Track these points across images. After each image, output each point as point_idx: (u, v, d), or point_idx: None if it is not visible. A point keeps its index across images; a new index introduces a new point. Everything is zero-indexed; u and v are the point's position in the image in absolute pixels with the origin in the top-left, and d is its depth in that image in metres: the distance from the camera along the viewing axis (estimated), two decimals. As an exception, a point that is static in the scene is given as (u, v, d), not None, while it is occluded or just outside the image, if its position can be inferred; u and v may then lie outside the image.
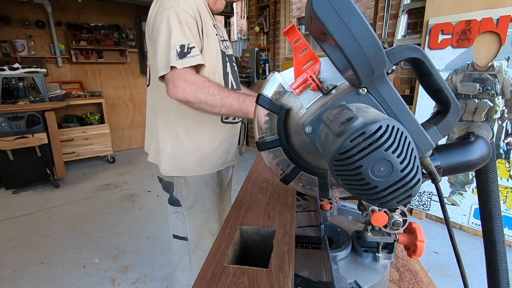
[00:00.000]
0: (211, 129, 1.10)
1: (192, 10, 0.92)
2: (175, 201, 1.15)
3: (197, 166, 1.10)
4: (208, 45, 0.99)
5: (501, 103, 2.14)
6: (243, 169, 3.88)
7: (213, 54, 1.01)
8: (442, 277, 1.90)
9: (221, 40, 1.07)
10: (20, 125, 3.00)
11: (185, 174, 1.10)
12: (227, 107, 0.93)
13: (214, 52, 1.01)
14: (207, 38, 0.98)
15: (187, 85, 0.89)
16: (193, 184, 1.12)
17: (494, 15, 2.07)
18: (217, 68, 1.03)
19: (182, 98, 0.90)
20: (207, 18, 0.99)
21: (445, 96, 0.40)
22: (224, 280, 0.44)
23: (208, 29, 0.99)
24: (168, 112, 1.06)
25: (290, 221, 0.62)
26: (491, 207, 0.51)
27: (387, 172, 0.28)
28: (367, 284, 0.54)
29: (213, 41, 1.00)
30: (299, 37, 0.44)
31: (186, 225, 1.16)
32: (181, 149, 1.08)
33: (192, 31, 0.92)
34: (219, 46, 1.03)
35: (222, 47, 1.05)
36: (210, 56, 1.00)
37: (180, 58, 0.88)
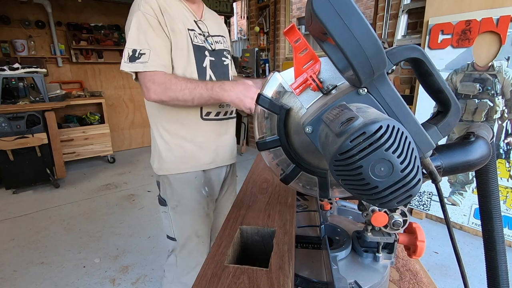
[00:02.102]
0: (192, 127, 1.10)
1: (153, 11, 0.95)
2: (162, 201, 1.16)
3: (180, 164, 1.11)
4: (175, 41, 1.00)
5: (501, 103, 2.14)
6: (243, 169, 3.88)
7: (183, 50, 1.01)
8: (442, 277, 1.90)
9: (200, 35, 1.07)
10: (20, 125, 3.00)
11: (168, 173, 1.11)
12: (198, 98, 0.97)
13: (184, 47, 1.01)
14: (173, 34, 0.99)
15: (156, 86, 0.95)
16: (175, 183, 1.12)
17: (494, 15, 2.07)
18: (189, 62, 1.03)
19: (156, 99, 0.97)
20: (177, 15, 1.01)
21: (445, 96, 0.40)
22: (224, 279, 0.44)
23: (177, 25, 1.00)
24: (153, 113, 1.12)
25: (290, 221, 0.62)
26: (491, 207, 0.51)
27: (388, 172, 0.28)
28: (367, 284, 0.54)
29: (182, 37, 1.01)
30: (299, 37, 0.44)
31: (172, 225, 1.16)
32: (166, 148, 1.10)
33: (148, 36, 0.94)
34: (191, 40, 1.03)
35: (197, 41, 1.05)
36: (181, 52, 1.01)
37: (130, 62, 0.94)
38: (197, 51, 1.05)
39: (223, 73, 1.15)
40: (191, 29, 1.04)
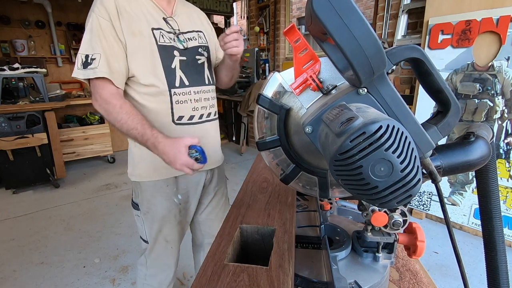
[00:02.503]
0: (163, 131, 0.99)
1: (107, 13, 0.89)
2: (134, 205, 1.13)
3: (150, 172, 1.05)
4: (134, 45, 0.92)
5: (501, 103, 2.14)
6: (243, 169, 3.88)
7: (146, 52, 0.94)
8: (442, 277, 1.90)
9: (170, 33, 0.99)
10: (20, 125, 3.00)
11: (140, 179, 1.06)
12: (132, 138, 0.92)
13: (146, 49, 0.94)
14: (132, 37, 0.91)
15: (101, 103, 0.91)
16: (146, 191, 1.06)
17: (494, 15, 2.07)
18: (154, 65, 0.95)
19: (100, 112, 0.93)
20: (140, 14, 0.94)
21: (445, 96, 0.40)
22: (224, 278, 0.44)
23: (137, 27, 0.92)
24: None
25: (290, 220, 0.62)
26: (491, 207, 0.51)
27: (387, 172, 0.28)
28: (367, 284, 0.54)
29: (143, 39, 0.93)
30: (299, 37, 0.44)
31: (144, 228, 1.13)
32: (138, 154, 1.05)
33: (100, 41, 0.89)
34: (156, 41, 0.95)
35: (163, 41, 0.96)
36: (143, 55, 0.94)
37: (84, 68, 0.89)
38: (163, 52, 0.96)
39: (197, 73, 1.05)
40: (157, 28, 0.96)
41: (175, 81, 0.99)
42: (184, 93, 1.01)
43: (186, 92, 1.01)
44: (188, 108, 1.02)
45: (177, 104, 1.00)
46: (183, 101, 1.01)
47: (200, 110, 1.06)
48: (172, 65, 0.98)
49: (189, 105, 1.02)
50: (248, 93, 3.82)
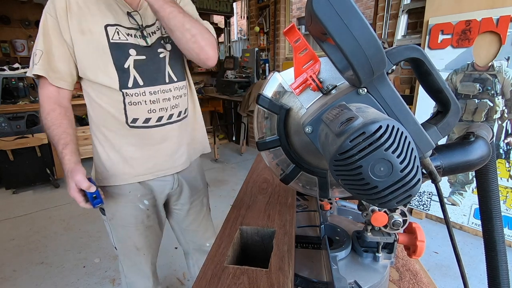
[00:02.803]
0: (118, 134, 0.95)
1: (55, 10, 0.84)
2: (101, 210, 1.06)
3: (109, 177, 0.98)
4: (82, 43, 0.86)
5: (501, 103, 2.14)
6: (243, 169, 3.88)
7: (96, 51, 0.87)
8: (442, 277, 1.90)
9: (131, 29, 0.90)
10: (20, 125, 3.00)
11: (100, 184, 0.99)
12: (55, 146, 0.89)
13: (98, 48, 0.86)
14: (81, 35, 0.85)
15: (39, 103, 0.91)
16: (110, 196, 1.00)
17: (494, 15, 2.07)
18: (106, 65, 0.88)
19: None
20: (95, 10, 0.86)
21: (445, 96, 0.40)
22: (224, 280, 0.44)
23: (88, 24, 0.85)
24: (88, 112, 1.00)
25: (290, 221, 0.62)
26: (491, 207, 0.51)
27: (387, 172, 0.28)
28: (367, 284, 0.54)
29: (93, 37, 0.86)
30: (299, 37, 0.44)
31: (112, 235, 1.08)
32: (97, 157, 0.99)
33: (45, 37, 0.86)
34: (108, 39, 0.87)
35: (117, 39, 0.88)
36: (93, 54, 0.87)
37: (33, 65, 0.87)
38: (116, 51, 0.88)
39: (156, 71, 0.94)
40: (113, 24, 0.87)
41: (128, 81, 0.90)
42: (138, 94, 0.92)
43: (140, 93, 0.92)
44: (143, 110, 0.93)
45: (131, 105, 0.92)
46: (136, 102, 0.92)
47: (158, 112, 0.95)
48: (125, 65, 0.89)
49: (144, 107, 0.93)
50: (248, 93, 3.82)
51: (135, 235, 1.05)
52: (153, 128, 0.96)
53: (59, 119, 0.89)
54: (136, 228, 1.04)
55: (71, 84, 0.93)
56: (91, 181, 0.84)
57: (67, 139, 0.87)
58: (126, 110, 0.92)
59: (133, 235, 1.05)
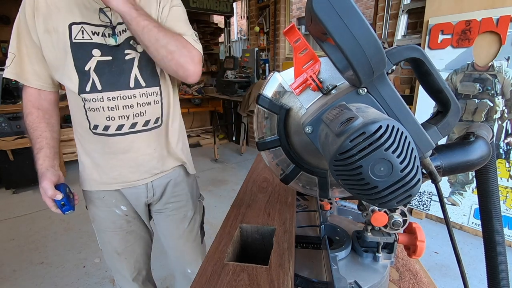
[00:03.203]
0: (86, 139, 0.93)
1: (24, 10, 0.81)
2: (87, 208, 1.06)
3: (83, 181, 0.99)
4: (50, 42, 0.82)
5: (501, 103, 2.14)
6: (243, 169, 3.88)
7: (59, 51, 0.82)
8: (442, 277, 1.90)
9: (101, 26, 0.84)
10: (20, 125, 3.00)
11: (82, 188, 1.00)
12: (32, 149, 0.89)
13: (60, 47, 0.82)
14: (48, 35, 0.81)
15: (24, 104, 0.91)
16: (87, 200, 1.02)
17: (494, 15, 2.07)
18: (65, 66, 0.83)
19: None
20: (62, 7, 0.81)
21: (445, 96, 0.40)
22: (224, 277, 0.44)
23: (53, 23, 0.80)
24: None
25: (290, 219, 0.62)
26: (491, 207, 0.51)
27: (387, 172, 0.28)
28: (367, 284, 0.54)
29: (58, 35, 0.81)
30: (299, 37, 0.44)
31: (97, 237, 1.07)
32: (78, 160, 0.99)
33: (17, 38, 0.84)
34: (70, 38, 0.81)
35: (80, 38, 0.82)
36: (57, 54, 0.83)
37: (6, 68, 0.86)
38: (78, 51, 0.82)
39: (119, 74, 0.85)
40: (78, 22, 0.81)
41: (87, 85, 0.84)
42: (96, 99, 0.85)
43: (98, 98, 0.85)
44: (101, 117, 0.87)
45: (90, 111, 0.87)
46: (94, 108, 0.86)
47: (118, 120, 0.88)
48: (86, 67, 0.83)
49: (102, 114, 0.86)
50: (248, 93, 3.82)
51: (115, 240, 1.03)
52: (114, 136, 0.89)
53: (36, 122, 0.88)
54: (115, 233, 1.03)
55: (51, 85, 0.91)
56: (60, 188, 0.84)
57: (42, 143, 0.87)
58: (87, 115, 0.88)
59: (113, 239, 1.03)
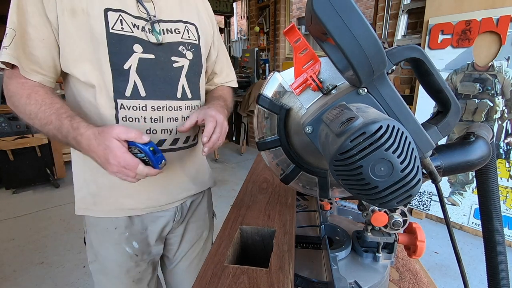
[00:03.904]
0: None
1: None
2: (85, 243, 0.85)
3: (91, 205, 0.76)
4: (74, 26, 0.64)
5: (501, 103, 2.14)
6: (243, 169, 3.88)
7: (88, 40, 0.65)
8: (442, 277, 1.90)
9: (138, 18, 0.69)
10: (20, 125, 3.00)
11: (78, 212, 0.77)
12: (51, 136, 0.65)
13: (90, 36, 0.65)
14: (72, 16, 0.64)
15: (8, 97, 0.67)
16: (90, 231, 0.79)
17: (494, 15, 2.07)
18: (98, 61, 0.66)
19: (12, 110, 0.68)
20: None
21: (445, 96, 0.40)
22: (224, 280, 0.44)
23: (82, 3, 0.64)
24: None
25: (290, 221, 0.62)
26: (491, 207, 0.51)
27: (388, 172, 0.28)
28: (367, 284, 0.54)
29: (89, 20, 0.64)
30: (299, 37, 0.44)
31: (94, 280, 0.85)
32: (78, 175, 0.77)
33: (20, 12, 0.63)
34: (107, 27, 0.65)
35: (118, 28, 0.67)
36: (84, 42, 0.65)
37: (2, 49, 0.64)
38: (116, 44, 0.66)
39: (166, 81, 0.73)
40: (115, 9, 0.66)
41: (126, 88, 0.68)
42: (136, 108, 0.69)
43: (140, 107, 0.70)
44: (140, 129, 0.69)
45: (125, 121, 0.69)
46: (133, 118, 0.70)
47: (160, 134, 0.73)
48: (125, 65, 0.67)
49: (142, 125, 0.71)
50: (248, 93, 3.82)
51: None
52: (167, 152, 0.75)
53: (47, 96, 0.65)
54: (120, 280, 0.81)
55: (52, 80, 0.69)
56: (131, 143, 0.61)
57: (70, 112, 0.63)
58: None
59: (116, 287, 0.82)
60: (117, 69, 0.67)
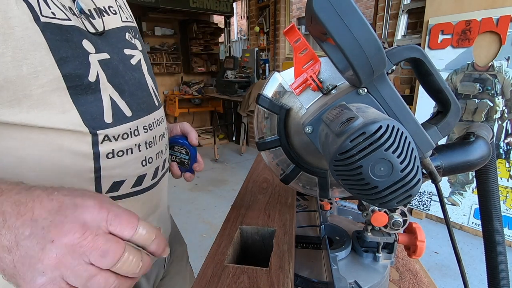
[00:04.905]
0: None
1: None
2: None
3: None
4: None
5: (501, 103, 2.14)
6: (243, 169, 3.88)
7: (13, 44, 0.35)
8: (442, 277, 1.90)
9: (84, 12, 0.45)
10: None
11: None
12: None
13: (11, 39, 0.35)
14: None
15: None
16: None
17: (494, 15, 2.07)
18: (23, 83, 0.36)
19: None
20: None
21: (445, 96, 0.40)
22: (224, 279, 0.44)
23: None
24: None
25: (290, 220, 0.62)
26: (491, 207, 0.51)
27: (387, 172, 0.28)
28: (367, 284, 0.54)
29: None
30: (299, 37, 0.44)
31: None
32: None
33: None
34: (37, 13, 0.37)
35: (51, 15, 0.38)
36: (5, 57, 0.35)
37: None
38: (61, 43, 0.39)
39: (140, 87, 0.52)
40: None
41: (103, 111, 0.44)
42: (127, 135, 0.48)
43: (131, 132, 0.48)
44: (133, 164, 0.50)
45: (110, 159, 0.46)
46: (124, 151, 0.48)
47: (155, 161, 0.55)
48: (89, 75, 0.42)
49: (136, 157, 0.50)
50: (248, 93, 3.82)
51: None
52: (148, 191, 0.54)
53: None
54: None
55: None
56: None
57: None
58: (101, 170, 0.46)
59: None
60: (79, 86, 0.41)
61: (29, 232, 0.26)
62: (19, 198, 0.28)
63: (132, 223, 0.29)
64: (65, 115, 0.41)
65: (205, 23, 5.37)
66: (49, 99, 0.39)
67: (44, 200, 0.28)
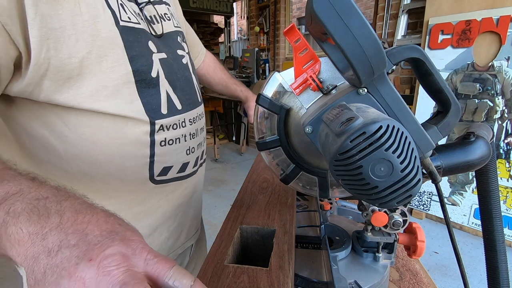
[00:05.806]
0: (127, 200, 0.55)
1: None
2: None
3: None
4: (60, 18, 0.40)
5: (501, 103, 2.14)
6: (243, 169, 3.88)
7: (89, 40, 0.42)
8: (442, 277, 1.90)
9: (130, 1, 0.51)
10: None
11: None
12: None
13: (91, 34, 0.42)
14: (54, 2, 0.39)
15: None
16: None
17: (494, 15, 2.07)
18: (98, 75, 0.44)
19: None
20: None
21: (445, 96, 0.40)
22: (224, 279, 0.44)
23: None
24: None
25: (290, 220, 0.62)
26: (491, 207, 0.51)
27: (388, 172, 0.28)
28: (367, 284, 0.54)
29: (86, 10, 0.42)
30: (299, 37, 0.44)
31: None
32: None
33: None
34: (116, 19, 0.45)
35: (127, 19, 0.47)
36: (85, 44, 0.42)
37: None
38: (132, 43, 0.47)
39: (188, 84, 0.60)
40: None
41: (160, 103, 0.52)
42: (177, 126, 0.56)
43: (179, 124, 0.56)
44: (180, 151, 0.58)
45: (163, 146, 0.54)
46: (174, 140, 0.56)
47: (197, 151, 0.63)
48: (152, 71, 0.50)
49: (182, 146, 0.58)
50: (248, 93, 3.82)
51: None
52: (189, 177, 0.63)
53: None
54: None
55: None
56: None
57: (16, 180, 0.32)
58: (155, 155, 0.54)
59: None
60: (144, 80, 0.49)
61: (75, 242, 0.25)
62: (81, 209, 0.28)
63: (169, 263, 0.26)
64: (132, 105, 0.49)
65: (205, 23, 5.37)
66: (121, 90, 0.47)
67: (101, 219, 0.28)
